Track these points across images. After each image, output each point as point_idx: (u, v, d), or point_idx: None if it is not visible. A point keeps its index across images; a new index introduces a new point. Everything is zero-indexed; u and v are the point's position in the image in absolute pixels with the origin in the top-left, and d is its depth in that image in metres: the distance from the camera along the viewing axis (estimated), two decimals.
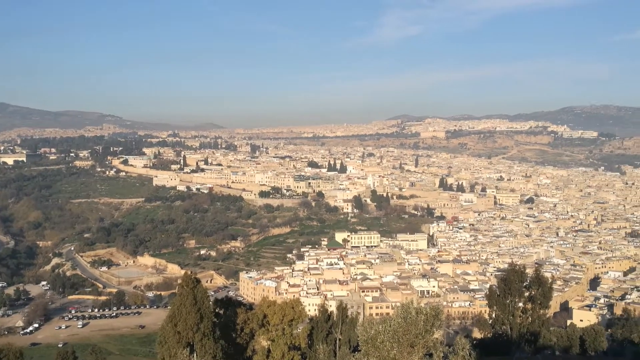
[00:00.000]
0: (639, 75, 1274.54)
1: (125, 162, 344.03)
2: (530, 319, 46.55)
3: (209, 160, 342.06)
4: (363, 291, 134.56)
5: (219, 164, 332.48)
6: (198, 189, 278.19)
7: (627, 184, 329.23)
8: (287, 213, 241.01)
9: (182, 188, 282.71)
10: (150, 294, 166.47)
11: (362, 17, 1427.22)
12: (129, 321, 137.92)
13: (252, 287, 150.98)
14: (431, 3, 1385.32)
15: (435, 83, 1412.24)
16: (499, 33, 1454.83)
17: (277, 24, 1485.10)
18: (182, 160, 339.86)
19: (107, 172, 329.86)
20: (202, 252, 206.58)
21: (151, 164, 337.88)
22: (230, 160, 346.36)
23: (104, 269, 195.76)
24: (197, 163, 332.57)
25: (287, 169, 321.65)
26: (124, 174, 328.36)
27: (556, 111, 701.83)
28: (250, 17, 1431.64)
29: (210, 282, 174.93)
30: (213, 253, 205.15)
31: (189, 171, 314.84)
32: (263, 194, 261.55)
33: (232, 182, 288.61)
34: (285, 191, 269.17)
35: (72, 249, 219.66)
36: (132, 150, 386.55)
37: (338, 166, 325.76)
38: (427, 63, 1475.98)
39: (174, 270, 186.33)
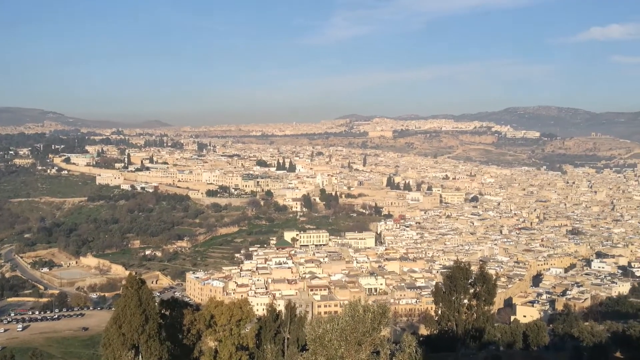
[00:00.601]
0: (579, 77, 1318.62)
1: (67, 161, 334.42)
2: (475, 315, 47.24)
3: (155, 159, 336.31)
4: (312, 290, 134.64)
5: (165, 163, 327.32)
6: (143, 188, 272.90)
7: (567, 183, 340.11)
8: (235, 212, 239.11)
9: (126, 187, 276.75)
10: (93, 296, 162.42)
11: (311, 17, 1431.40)
12: (72, 323, 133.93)
13: (199, 287, 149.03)
14: (378, 4, 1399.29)
15: (382, 83, 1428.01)
16: (444, 34, 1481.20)
17: (226, 22, 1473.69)
18: (126, 159, 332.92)
19: (49, 171, 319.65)
20: (147, 252, 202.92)
21: (94, 163, 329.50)
22: (177, 159, 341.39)
23: (45, 270, 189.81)
24: (142, 161, 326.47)
25: (235, 167, 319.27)
26: (66, 172, 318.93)
27: (500, 112, 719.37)
28: (198, 15, 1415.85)
29: (156, 282, 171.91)
30: (159, 253, 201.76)
31: (133, 170, 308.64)
32: (210, 193, 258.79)
33: (179, 181, 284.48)
34: (233, 190, 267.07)
35: (12, 249, 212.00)
36: (75, 148, 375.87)
37: (287, 165, 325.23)
38: (375, 63, 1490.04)
39: (118, 271, 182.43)
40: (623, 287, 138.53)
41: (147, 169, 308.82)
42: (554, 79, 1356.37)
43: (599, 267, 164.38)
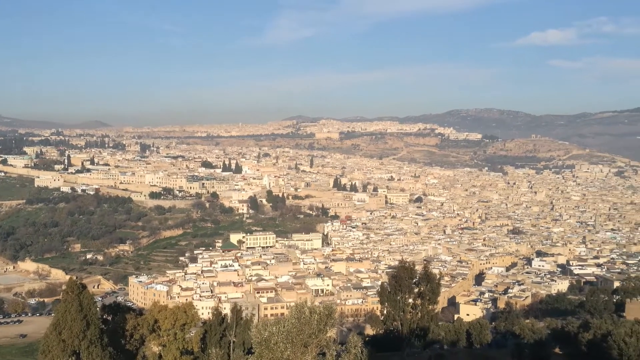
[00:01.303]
0: (520, 81, 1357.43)
1: (4, 162, 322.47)
2: (419, 314, 47.74)
3: (96, 160, 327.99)
4: (258, 292, 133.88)
5: (106, 164, 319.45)
6: (84, 190, 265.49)
7: (508, 183, 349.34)
8: (179, 215, 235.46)
9: (66, 189, 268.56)
10: (32, 301, 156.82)
11: (256, 17, 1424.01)
12: (9, 330, 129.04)
13: (143, 291, 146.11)
14: (325, 6, 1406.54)
15: (329, 85, 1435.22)
16: (389, 37, 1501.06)
17: (170, 22, 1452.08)
18: (66, 160, 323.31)
19: None
20: (89, 256, 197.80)
21: (32, 164, 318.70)
22: (119, 160, 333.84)
23: None
24: (82, 163, 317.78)
25: (179, 169, 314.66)
26: (2, 174, 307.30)
27: (443, 114, 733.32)
28: (142, 13, 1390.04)
29: (98, 287, 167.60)
30: (100, 257, 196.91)
31: (73, 171, 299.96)
32: (154, 195, 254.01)
33: (121, 182, 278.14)
34: (177, 192, 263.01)
35: None
36: (12, 149, 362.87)
37: (233, 166, 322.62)
38: (321, 65, 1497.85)
39: (58, 275, 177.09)
40: (562, 285, 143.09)
41: (88, 170, 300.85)
42: (495, 82, 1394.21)
43: (539, 266, 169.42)
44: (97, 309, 43.12)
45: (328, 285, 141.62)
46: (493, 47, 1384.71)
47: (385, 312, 49.33)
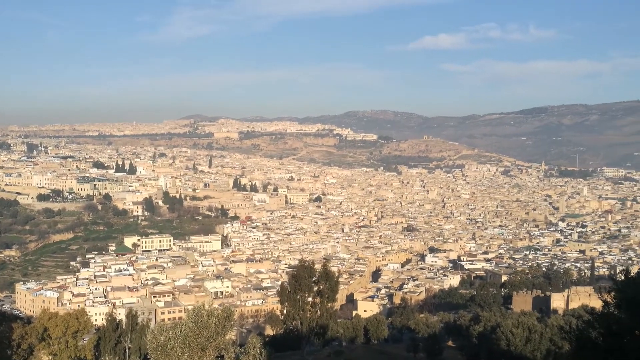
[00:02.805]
0: (413, 83, 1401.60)
1: None
2: (319, 312, 48.25)
3: None
4: (154, 296, 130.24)
5: None
6: None
7: (403, 182, 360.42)
8: (70, 218, 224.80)
9: None
10: None
11: (150, 13, 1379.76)
12: None
13: (31, 299, 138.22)
14: (221, 3, 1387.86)
15: (228, 84, 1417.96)
16: (287, 38, 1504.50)
17: (58, 15, 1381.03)
18: None
19: None
20: None
21: None
22: (3, 161, 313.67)
23: None
24: None
25: (69, 170, 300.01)
26: None
27: (341, 115, 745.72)
28: (23, 7, 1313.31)
29: None
30: None
31: None
32: (42, 198, 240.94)
33: (6, 184, 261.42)
34: (67, 194, 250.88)
35: None
36: None
37: (127, 167, 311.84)
38: (219, 63, 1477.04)
39: None
40: (454, 280, 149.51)
41: None
42: (390, 85, 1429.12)
43: (432, 262, 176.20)
44: None
45: (228, 287, 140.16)
46: (388, 50, 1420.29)
47: (285, 311, 49.47)
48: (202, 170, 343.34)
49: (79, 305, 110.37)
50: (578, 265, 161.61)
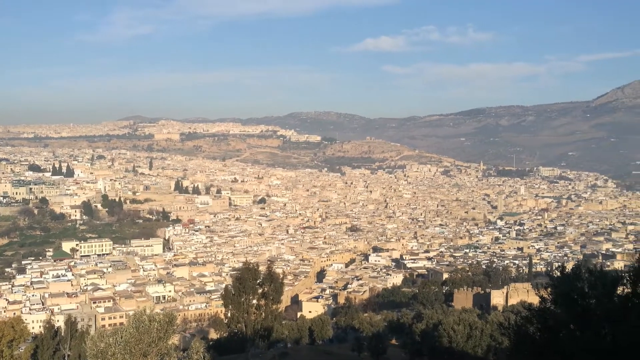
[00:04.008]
0: (355, 85, 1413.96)
1: None
2: (263, 314, 48.06)
3: None
4: (94, 302, 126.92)
5: None
6: None
7: (346, 183, 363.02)
8: (4, 223, 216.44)
9: None
10: None
11: (88, 12, 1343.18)
12: None
13: None
14: (162, 3, 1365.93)
15: (168, 84, 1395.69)
16: (230, 38, 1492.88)
17: None
18: None
19: None
20: None
21: None
22: None
23: None
24: None
25: (3, 173, 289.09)
26: None
27: (284, 116, 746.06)
28: None
29: None
30: None
31: None
32: None
33: None
34: (1, 198, 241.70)
35: None
36: None
37: (64, 170, 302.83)
38: (160, 64, 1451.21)
39: None
40: (397, 279, 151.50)
41: None
42: (333, 86, 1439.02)
43: (376, 261, 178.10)
44: None
45: (170, 291, 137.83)
46: (331, 52, 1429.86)
47: (229, 314, 49.06)
48: (143, 173, 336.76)
49: (14, 313, 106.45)
50: (516, 262, 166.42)
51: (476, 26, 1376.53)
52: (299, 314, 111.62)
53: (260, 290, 48.71)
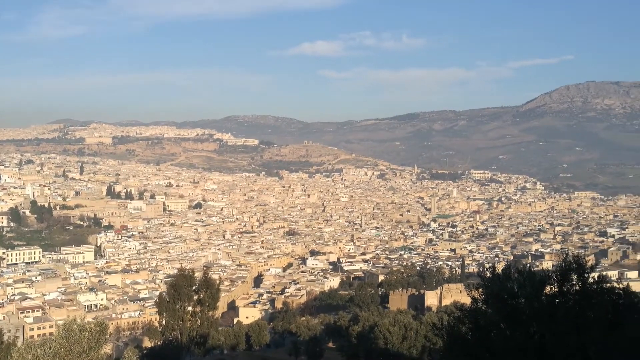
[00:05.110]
0: (292, 89, 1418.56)
1: None
2: (199, 321, 47.46)
3: None
4: (22, 312, 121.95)
5: None
6: None
7: (284, 187, 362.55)
8: None
9: None
10: None
11: (15, 11, 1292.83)
12: None
13: None
14: (94, 4, 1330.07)
15: (101, 86, 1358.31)
16: (165, 40, 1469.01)
17: None
18: None
19: None
20: None
21: None
22: None
23: None
24: None
25: None
26: None
27: (221, 120, 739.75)
28: None
29: None
30: None
31: None
32: None
33: None
34: None
35: None
36: None
37: None
38: (92, 65, 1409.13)
39: None
40: (334, 282, 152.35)
41: None
42: (271, 90, 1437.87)
43: (313, 264, 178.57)
44: None
45: (102, 299, 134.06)
46: (268, 55, 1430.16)
47: (164, 322, 48.21)
48: (73, 178, 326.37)
49: None
50: (449, 263, 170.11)
51: (410, 32, 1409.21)
52: (235, 320, 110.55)
53: (195, 297, 48.10)
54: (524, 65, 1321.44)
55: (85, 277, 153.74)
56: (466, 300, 20.74)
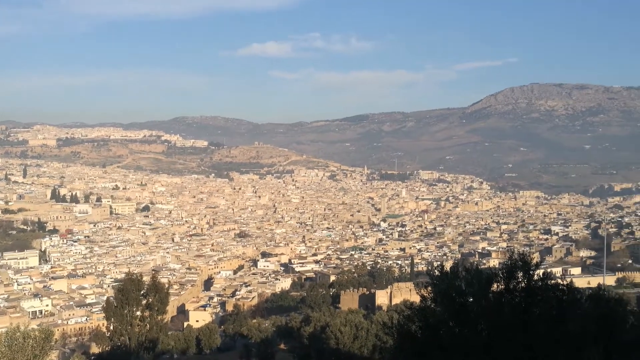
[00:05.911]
0: (243, 89, 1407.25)
1: None
2: (148, 326, 46.69)
3: None
4: None
5: None
6: None
7: (234, 189, 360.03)
8: None
9: None
10: None
11: None
12: None
13: None
14: (37, 2, 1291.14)
15: (44, 87, 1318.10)
16: (110, 40, 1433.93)
17: None
18: None
19: None
20: None
21: None
22: None
23: None
24: None
25: None
26: None
27: (169, 121, 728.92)
28: None
29: None
30: None
31: None
32: None
33: None
34: None
35: None
36: None
37: None
38: (34, 65, 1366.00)
39: None
40: (285, 283, 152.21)
41: None
42: (220, 91, 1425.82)
43: (265, 266, 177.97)
44: None
45: (47, 305, 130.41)
46: (217, 56, 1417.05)
47: (111, 327, 47.25)
48: (16, 181, 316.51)
49: None
50: (399, 262, 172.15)
51: (358, 35, 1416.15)
52: (185, 324, 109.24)
53: (144, 302, 47.33)
54: (469, 68, 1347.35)
55: (29, 283, 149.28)
56: (416, 298, 21.06)
